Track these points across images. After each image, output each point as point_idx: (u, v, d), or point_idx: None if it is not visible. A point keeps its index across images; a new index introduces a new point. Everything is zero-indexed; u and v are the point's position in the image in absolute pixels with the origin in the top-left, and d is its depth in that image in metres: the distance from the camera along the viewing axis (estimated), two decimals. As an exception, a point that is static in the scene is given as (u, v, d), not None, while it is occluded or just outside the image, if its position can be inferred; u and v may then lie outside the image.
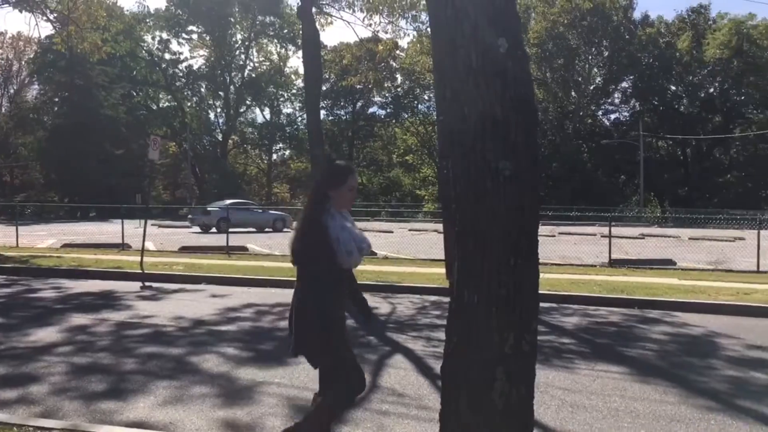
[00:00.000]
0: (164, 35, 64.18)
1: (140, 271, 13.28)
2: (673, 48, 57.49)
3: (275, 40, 66.47)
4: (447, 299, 3.41)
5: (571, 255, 17.21)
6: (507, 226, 2.98)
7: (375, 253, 17.97)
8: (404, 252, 18.30)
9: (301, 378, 5.93)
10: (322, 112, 66.13)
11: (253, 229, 29.85)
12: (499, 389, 2.90)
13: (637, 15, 58.95)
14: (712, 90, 59.16)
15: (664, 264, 15.92)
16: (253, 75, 67.13)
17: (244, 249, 18.97)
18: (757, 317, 9.65)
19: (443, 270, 12.45)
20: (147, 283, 12.36)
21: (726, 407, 5.42)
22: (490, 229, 2.97)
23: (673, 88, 59.98)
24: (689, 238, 25.26)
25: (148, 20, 61.96)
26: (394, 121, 65.80)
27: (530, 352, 3.00)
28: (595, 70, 59.91)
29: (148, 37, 63.99)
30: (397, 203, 60.29)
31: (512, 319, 2.97)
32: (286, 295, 4.28)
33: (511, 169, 2.97)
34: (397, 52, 58.18)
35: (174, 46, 79.85)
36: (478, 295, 2.98)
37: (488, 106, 2.96)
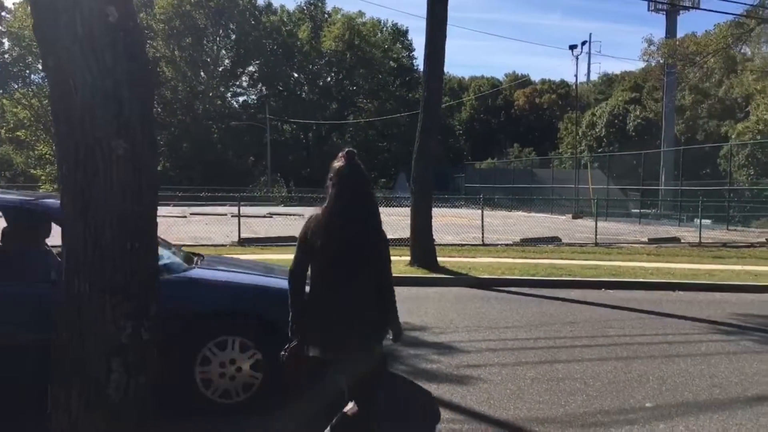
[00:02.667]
0: None
1: None
2: (295, 37, 60.91)
3: None
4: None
5: (203, 235, 17.20)
6: (122, 209, 2.81)
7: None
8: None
9: None
10: None
11: None
12: (115, 381, 2.73)
13: (261, 2, 61.00)
14: (329, 79, 64.38)
15: (289, 241, 16.88)
16: None
17: None
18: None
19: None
20: None
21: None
22: (103, 212, 2.77)
23: (296, 75, 63.67)
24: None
25: None
26: (1, 91, 57.72)
27: (150, 340, 2.89)
28: (224, 52, 60.39)
29: None
30: (8, 184, 53.42)
31: (130, 306, 2.82)
32: None
33: (126, 148, 2.80)
34: (4, 13, 51.34)
35: None
36: (90, 283, 2.75)
37: (98, 79, 2.74)
